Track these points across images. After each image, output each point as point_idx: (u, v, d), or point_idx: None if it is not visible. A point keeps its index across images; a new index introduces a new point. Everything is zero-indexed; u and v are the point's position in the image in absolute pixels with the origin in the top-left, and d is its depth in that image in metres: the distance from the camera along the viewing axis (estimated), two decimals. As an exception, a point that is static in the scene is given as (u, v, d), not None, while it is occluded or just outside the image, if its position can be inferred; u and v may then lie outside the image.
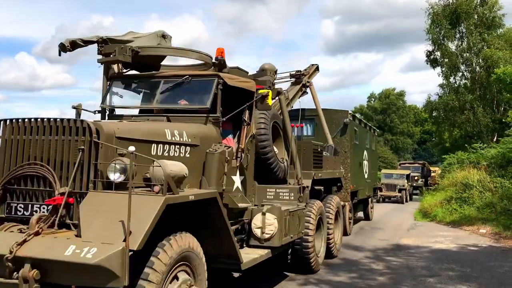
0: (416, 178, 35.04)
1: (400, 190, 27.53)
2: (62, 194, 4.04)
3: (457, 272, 8.52)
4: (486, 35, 31.13)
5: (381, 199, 27.56)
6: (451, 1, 32.00)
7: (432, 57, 33.81)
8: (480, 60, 31.26)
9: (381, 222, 16.78)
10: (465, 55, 32.13)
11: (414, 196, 32.38)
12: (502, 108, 28.53)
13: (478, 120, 29.59)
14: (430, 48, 33.62)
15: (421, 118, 61.20)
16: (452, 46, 32.74)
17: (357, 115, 50.07)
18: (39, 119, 4.38)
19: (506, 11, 31.62)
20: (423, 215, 18.54)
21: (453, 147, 30.54)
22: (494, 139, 26.40)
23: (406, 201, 27.97)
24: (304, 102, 16.40)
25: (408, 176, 29.76)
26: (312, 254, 7.90)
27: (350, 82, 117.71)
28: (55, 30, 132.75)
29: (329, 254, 9.26)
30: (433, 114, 35.74)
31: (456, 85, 32.67)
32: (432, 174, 38.29)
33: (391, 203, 27.23)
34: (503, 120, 23.16)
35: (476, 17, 31.70)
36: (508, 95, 24.47)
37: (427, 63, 34.36)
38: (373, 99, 66.02)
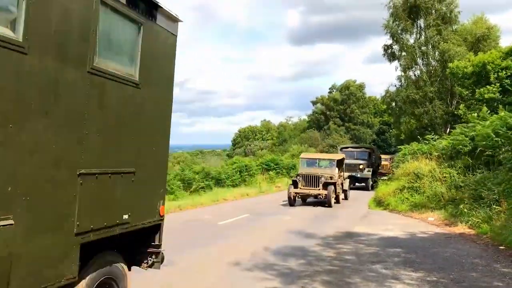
0: (361, 167, 29.04)
1: (326, 186, 18.58)
2: None
3: (402, 258, 8.92)
4: (443, 30, 32.13)
5: (294, 200, 18.77)
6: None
7: (390, 51, 34.65)
8: (437, 54, 32.34)
9: (337, 211, 17.24)
10: (422, 48, 33.11)
11: (356, 193, 25.68)
12: (455, 102, 29.56)
13: (436, 112, 30.65)
14: (389, 42, 34.49)
15: (380, 109, 62.55)
16: (410, 40, 33.69)
17: (319, 105, 49.56)
18: None
19: (461, 8, 32.75)
20: (377, 204, 19.14)
21: (408, 138, 31.43)
22: (448, 131, 27.38)
23: (337, 201, 19.38)
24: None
25: (340, 163, 20.96)
26: None
27: (314, 72, 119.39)
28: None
29: None
30: (391, 106, 36.67)
31: (414, 78, 33.63)
32: (384, 162, 35.61)
33: (311, 206, 18.94)
34: (455, 112, 24.04)
35: (434, 12, 32.68)
36: (460, 88, 25.38)
37: (384, 57, 35.19)
38: (334, 90, 67.06)
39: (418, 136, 22.40)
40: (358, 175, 28.90)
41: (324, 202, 19.05)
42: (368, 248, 9.88)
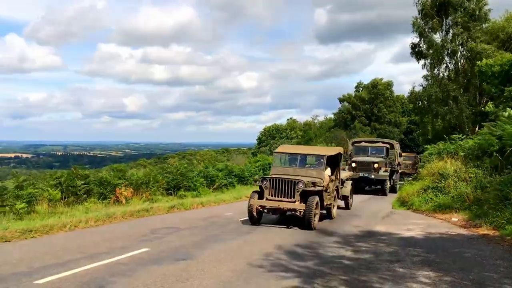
0: (375, 165, 23.79)
1: (305, 196, 12.39)
2: None
3: (421, 257, 8.84)
4: (471, 27, 31.53)
5: (259, 216, 12.77)
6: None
7: (417, 49, 34.20)
8: (464, 52, 31.77)
9: (357, 210, 17.14)
10: (449, 46, 32.56)
11: (367, 199, 21.75)
12: (484, 100, 28.96)
13: (461, 111, 30.08)
14: (416, 40, 34.05)
15: (408, 108, 61.63)
16: (437, 38, 33.17)
17: (345, 104, 49.39)
18: None
19: (494, 5, 32.08)
20: (401, 204, 18.92)
21: (435, 138, 30.91)
22: (476, 131, 26.85)
23: (329, 217, 14.27)
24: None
25: (335, 160, 14.87)
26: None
27: (341, 71, 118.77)
28: (45, 11, 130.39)
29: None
30: (418, 105, 36.17)
31: (440, 77, 33.10)
32: (407, 161, 32.56)
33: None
34: (483, 110, 23.51)
35: (462, 9, 32.11)
36: (488, 86, 24.82)
37: (412, 56, 34.76)
38: (361, 89, 66.40)
39: (444, 136, 22.02)
40: (372, 176, 23.79)
41: (300, 220, 12.54)
42: (388, 247, 9.82)
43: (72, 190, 15.39)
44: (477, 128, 27.94)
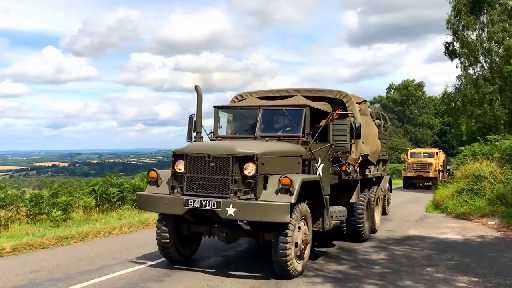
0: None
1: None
2: None
3: (456, 262, 8.64)
4: (507, 25, 30.62)
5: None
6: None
7: (451, 48, 33.45)
8: (501, 51, 30.81)
9: (391, 213, 16.87)
10: (485, 45, 31.69)
11: None
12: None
13: (494, 113, 29.25)
14: (450, 39, 33.31)
15: (441, 109, 60.40)
16: (472, 36, 32.33)
17: (377, 106, 47.73)
18: None
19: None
20: (435, 207, 18.53)
21: (469, 139, 30.13)
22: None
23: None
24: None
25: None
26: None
27: (373, 73, 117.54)
28: (82, 23, 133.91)
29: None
30: (451, 106, 35.33)
31: (474, 77, 32.24)
32: (420, 159, 33.34)
33: None
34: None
35: (498, 7, 31.23)
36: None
37: (446, 55, 34.05)
38: (392, 90, 65.48)
39: (478, 137, 21.46)
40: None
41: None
42: (421, 252, 9.64)
43: (106, 198, 15.74)
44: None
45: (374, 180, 12.00)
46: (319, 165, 8.47)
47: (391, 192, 15.27)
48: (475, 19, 31.69)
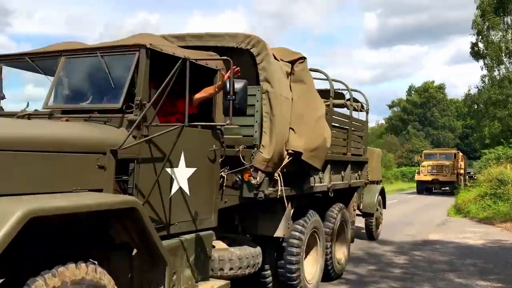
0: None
1: None
2: None
3: (478, 267, 8.52)
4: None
5: None
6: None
7: (476, 48, 32.99)
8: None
9: (411, 217, 16.69)
10: (509, 45, 31.19)
11: None
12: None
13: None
14: (474, 39, 32.88)
15: (463, 111, 59.47)
16: (496, 37, 31.84)
17: (395, 109, 46.42)
18: None
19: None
20: (457, 211, 18.28)
21: (493, 142, 29.62)
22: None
23: None
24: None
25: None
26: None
27: (394, 75, 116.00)
28: (103, 28, 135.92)
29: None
30: (474, 108, 34.82)
31: (498, 78, 31.72)
32: (433, 162, 30.21)
33: None
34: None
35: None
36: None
37: (471, 56, 33.60)
38: (412, 92, 64.71)
39: (502, 140, 21.11)
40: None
41: None
42: (442, 256, 9.53)
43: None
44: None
45: (332, 195, 6.94)
46: (181, 171, 4.12)
47: (384, 207, 11.96)
48: (500, 19, 31.23)
